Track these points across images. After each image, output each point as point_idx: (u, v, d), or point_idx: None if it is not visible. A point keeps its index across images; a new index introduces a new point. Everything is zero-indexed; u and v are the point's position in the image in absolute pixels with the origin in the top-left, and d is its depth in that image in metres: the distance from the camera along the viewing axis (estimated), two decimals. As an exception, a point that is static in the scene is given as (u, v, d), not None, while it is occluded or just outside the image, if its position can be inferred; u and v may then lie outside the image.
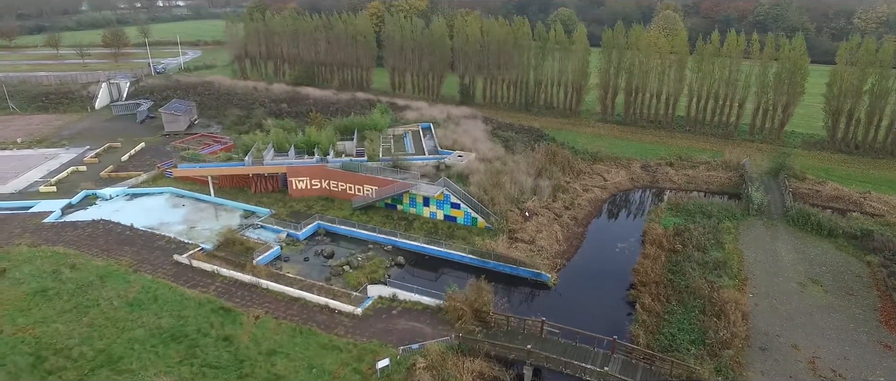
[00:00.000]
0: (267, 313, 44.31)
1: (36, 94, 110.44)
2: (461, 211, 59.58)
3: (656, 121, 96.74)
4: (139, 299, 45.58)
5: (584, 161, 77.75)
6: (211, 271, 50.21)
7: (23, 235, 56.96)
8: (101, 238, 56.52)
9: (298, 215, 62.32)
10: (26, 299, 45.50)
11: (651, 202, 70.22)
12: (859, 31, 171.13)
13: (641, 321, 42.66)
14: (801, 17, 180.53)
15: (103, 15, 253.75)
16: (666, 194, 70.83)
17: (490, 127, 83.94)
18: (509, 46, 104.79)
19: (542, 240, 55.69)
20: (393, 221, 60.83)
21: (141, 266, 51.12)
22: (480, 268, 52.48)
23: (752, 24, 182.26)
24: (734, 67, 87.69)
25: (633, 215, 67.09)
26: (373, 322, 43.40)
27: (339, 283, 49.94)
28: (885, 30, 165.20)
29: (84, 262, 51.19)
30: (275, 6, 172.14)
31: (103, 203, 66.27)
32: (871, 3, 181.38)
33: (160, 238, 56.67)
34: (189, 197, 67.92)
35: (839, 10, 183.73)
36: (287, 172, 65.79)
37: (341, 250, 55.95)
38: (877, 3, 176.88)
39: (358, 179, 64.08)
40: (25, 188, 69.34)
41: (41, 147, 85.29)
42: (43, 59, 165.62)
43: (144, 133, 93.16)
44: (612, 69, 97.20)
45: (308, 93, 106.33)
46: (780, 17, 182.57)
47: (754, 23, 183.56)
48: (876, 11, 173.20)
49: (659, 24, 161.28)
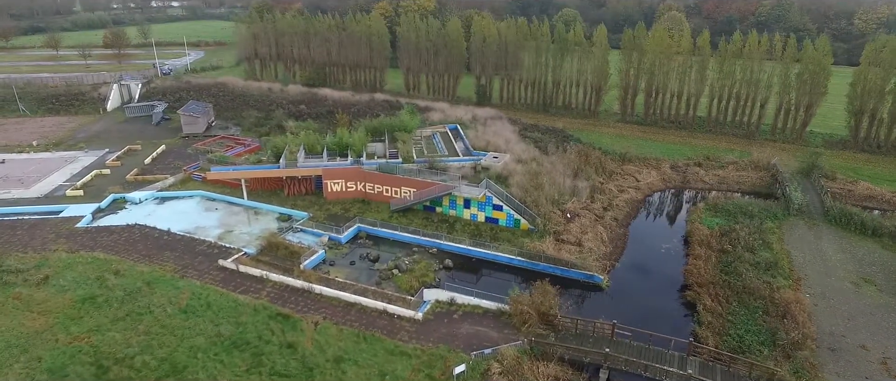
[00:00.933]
0: (325, 319, 43.52)
1: (44, 95, 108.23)
2: (503, 213, 59.12)
3: (676, 121, 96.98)
4: (192, 306, 44.54)
5: (613, 162, 77.61)
6: (259, 276, 49.28)
7: (57, 240, 55.58)
8: (140, 243, 55.31)
9: (336, 218, 61.48)
10: (75, 306, 44.32)
11: (686, 203, 70.29)
12: (860, 32, 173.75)
13: (706, 322, 42.45)
14: (802, 18, 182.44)
15: (98, 15, 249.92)
16: (701, 195, 70.92)
17: (516, 128, 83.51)
18: (528, 47, 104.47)
19: (589, 241, 55.36)
20: (433, 223, 60.21)
21: (186, 271, 50.07)
22: (530, 270, 52.14)
23: (753, 24, 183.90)
24: (756, 67, 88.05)
25: (670, 216, 67.03)
26: (435, 327, 42.77)
27: (389, 287, 49.28)
28: (886, 31, 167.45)
29: (127, 268, 50.01)
30: (279, 6, 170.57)
31: (133, 207, 64.93)
32: (871, 4, 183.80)
33: (200, 243, 55.56)
34: (220, 200, 66.78)
35: (840, 11, 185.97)
36: (323, 174, 64.88)
37: (385, 254, 55.22)
38: (877, 4, 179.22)
39: (395, 181, 63.35)
40: (51, 192, 67.74)
41: (59, 150, 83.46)
42: (42, 59, 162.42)
43: (162, 135, 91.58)
44: (632, 70, 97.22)
45: (325, 94, 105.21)
46: (781, 18, 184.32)
47: (755, 23, 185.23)
48: (876, 12, 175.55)
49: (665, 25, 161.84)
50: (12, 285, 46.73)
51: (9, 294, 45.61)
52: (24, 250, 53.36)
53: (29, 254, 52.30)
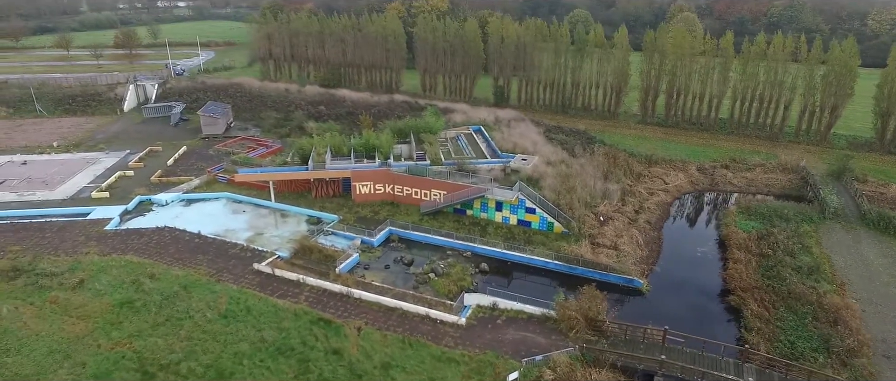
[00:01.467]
0: (367, 324, 42.93)
1: (61, 96, 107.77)
2: (536, 216, 58.51)
3: (698, 122, 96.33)
4: (232, 311, 43.96)
5: (639, 164, 76.99)
6: (296, 281, 48.69)
7: (88, 242, 55.01)
8: (171, 246, 54.74)
9: (366, 221, 60.90)
10: (113, 311, 43.75)
11: (715, 205, 69.71)
12: (874, 32, 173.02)
13: (755, 328, 41.82)
14: (815, 19, 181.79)
15: (105, 16, 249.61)
16: (731, 197, 70.34)
17: (540, 130, 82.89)
18: (547, 49, 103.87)
19: (624, 245, 54.77)
20: (465, 226, 59.61)
21: (221, 275, 49.49)
22: (567, 274, 51.55)
23: (765, 25, 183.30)
24: (780, 69, 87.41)
25: (701, 219, 66.43)
26: (479, 332, 42.16)
27: (427, 291, 48.68)
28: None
29: (162, 271, 49.43)
30: (291, 6, 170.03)
31: (160, 209, 64.37)
32: (884, 4, 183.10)
33: (232, 246, 54.97)
34: (247, 202, 66.23)
35: (853, 12, 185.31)
36: (351, 176, 64.29)
37: (419, 257, 54.62)
38: (891, 5, 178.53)
39: (425, 183, 62.76)
40: (76, 194, 67.21)
41: (79, 151, 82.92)
42: (53, 60, 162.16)
43: (181, 136, 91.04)
44: (654, 71, 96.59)
45: (343, 95, 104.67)
46: (794, 19, 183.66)
47: (767, 24, 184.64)
48: (890, 13, 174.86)
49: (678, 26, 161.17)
50: (48, 289, 46.16)
51: (45, 298, 45.04)
52: (56, 252, 52.82)
53: (61, 257, 51.75)
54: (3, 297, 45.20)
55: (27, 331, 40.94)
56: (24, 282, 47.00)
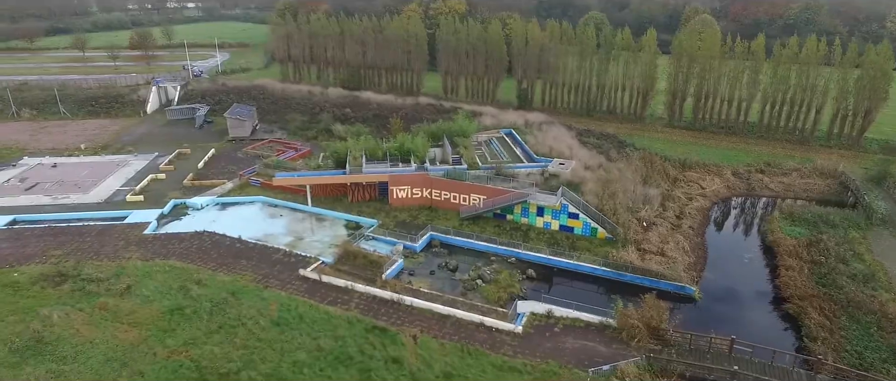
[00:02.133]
0: (422, 332, 42.29)
1: (83, 98, 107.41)
2: (579, 221, 57.81)
3: (727, 126, 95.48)
4: (284, 318, 43.36)
5: (673, 168, 76.24)
6: (344, 287, 48.08)
7: (129, 247, 54.53)
8: (213, 251, 54.19)
9: (405, 226, 60.28)
10: (164, 318, 43.20)
11: (755, 211, 68.97)
12: (892, 34, 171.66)
13: (820, 337, 41.05)
14: (832, 21, 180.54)
15: (116, 17, 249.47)
16: (769, 203, 69.66)
17: (572, 133, 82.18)
18: (572, 51, 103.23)
19: (671, 251, 54.03)
20: (506, 231, 58.92)
21: (267, 281, 48.92)
22: (615, 281, 50.88)
23: (781, 27, 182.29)
24: (813, 72, 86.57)
25: (742, 224, 65.71)
26: (537, 341, 41.48)
27: (475, 298, 48.06)
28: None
29: (208, 277, 48.88)
30: (305, 8, 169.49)
31: (195, 213, 63.87)
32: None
33: (274, 251, 54.41)
34: (282, 206, 65.65)
35: (870, 14, 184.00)
36: (389, 180, 63.65)
37: (462, 263, 53.91)
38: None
39: (464, 187, 62.11)
40: (110, 197, 66.73)
41: (108, 154, 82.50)
42: (69, 61, 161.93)
43: (207, 139, 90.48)
44: (682, 74, 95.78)
45: (368, 97, 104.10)
46: (811, 21, 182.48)
47: (784, 26, 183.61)
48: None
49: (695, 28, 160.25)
50: (95, 295, 45.64)
51: (93, 304, 44.49)
52: (98, 257, 52.30)
53: (104, 262, 51.24)
54: (52, 302, 44.70)
55: (80, 338, 40.39)
56: (71, 287, 46.51)
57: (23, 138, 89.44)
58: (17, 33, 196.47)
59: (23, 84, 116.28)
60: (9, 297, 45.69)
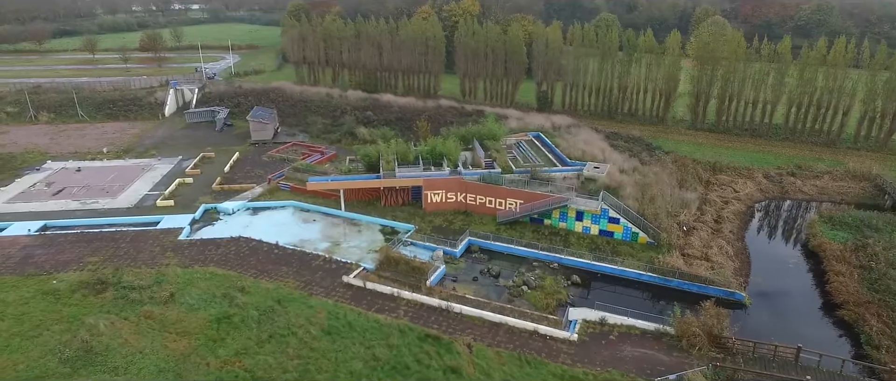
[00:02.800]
0: (475, 341, 41.55)
1: (100, 101, 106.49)
2: (620, 226, 57.17)
3: (751, 128, 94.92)
4: (335, 327, 42.58)
5: (703, 171, 75.62)
6: (390, 294, 47.31)
7: (165, 253, 53.72)
8: (251, 257, 53.40)
9: (441, 231, 59.58)
10: (212, 326, 42.39)
11: (791, 214, 68.41)
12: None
13: (884, 345, 40.36)
14: (845, 22, 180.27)
15: (123, 19, 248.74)
16: (805, 206, 69.12)
17: (600, 136, 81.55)
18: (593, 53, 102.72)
19: (715, 256, 53.39)
20: (544, 236, 58.28)
21: (311, 288, 48.14)
22: (662, 287, 50.25)
23: (792, 29, 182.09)
24: (840, 74, 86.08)
25: (780, 228, 65.09)
26: (595, 349, 40.77)
27: (523, 305, 47.35)
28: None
29: (251, 284, 48.05)
30: (317, 10, 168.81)
31: (227, 218, 63.09)
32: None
33: (313, 257, 53.62)
34: (315, 211, 64.88)
35: (883, 15, 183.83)
36: (423, 185, 62.91)
37: (505, 269, 53.19)
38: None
39: (500, 192, 61.40)
40: (139, 202, 65.91)
41: (131, 157, 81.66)
42: (79, 63, 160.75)
43: (229, 142, 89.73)
44: (706, 76, 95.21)
45: (388, 100, 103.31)
46: (823, 22, 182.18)
47: (794, 28, 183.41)
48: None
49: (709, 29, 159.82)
50: (139, 303, 44.81)
51: (137, 312, 43.70)
52: (136, 264, 51.48)
53: (143, 269, 50.39)
54: (95, 311, 43.88)
55: (130, 348, 39.60)
56: (114, 295, 45.66)
57: (43, 142, 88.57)
58: (25, 35, 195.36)
59: (37, 87, 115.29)
60: (51, 305, 44.88)
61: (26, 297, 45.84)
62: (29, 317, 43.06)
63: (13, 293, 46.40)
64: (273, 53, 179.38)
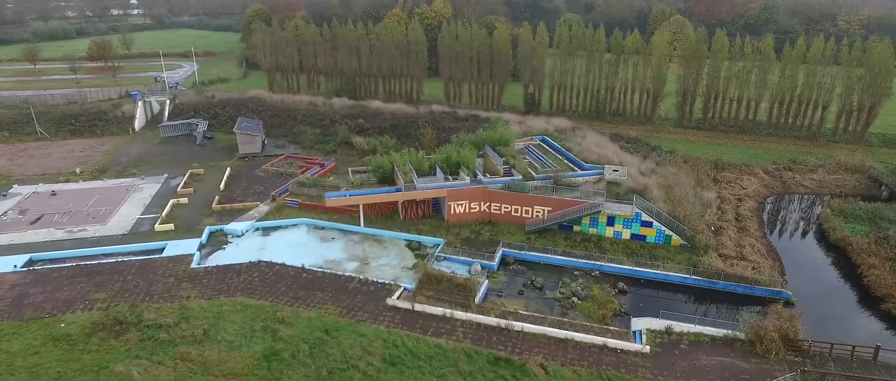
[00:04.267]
0: (546, 360, 39.71)
1: (58, 116, 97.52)
2: (652, 229, 56.73)
3: (736, 125, 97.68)
4: (396, 356, 39.72)
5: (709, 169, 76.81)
6: (443, 315, 44.72)
7: (181, 284, 48.97)
8: (279, 283, 49.45)
9: (471, 243, 57.38)
10: (261, 365, 38.63)
11: (798, 209, 70.37)
12: (844, 33, 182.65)
13: (941, 337, 41.40)
14: (790, 20, 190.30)
15: (59, 26, 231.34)
16: (808, 199, 71.36)
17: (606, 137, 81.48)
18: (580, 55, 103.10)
19: (750, 254, 53.81)
20: (576, 243, 57.12)
21: (355, 314, 44.91)
22: (706, 289, 50.07)
23: (743, 27, 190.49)
24: (820, 71, 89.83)
25: (793, 223, 66.63)
26: (670, 360, 39.76)
27: (578, 317, 45.95)
28: (867, 32, 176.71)
29: (290, 314, 44.32)
30: (281, 14, 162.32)
31: (237, 240, 58.50)
32: (852, 5, 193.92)
33: (347, 279, 50.23)
34: (330, 228, 61.24)
35: (823, 13, 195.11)
36: (447, 195, 60.45)
37: (544, 280, 51.60)
38: (858, 6, 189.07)
39: (526, 200, 59.80)
40: (134, 227, 60.14)
41: (109, 177, 74.82)
42: (19, 74, 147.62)
43: (213, 157, 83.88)
44: (691, 76, 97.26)
45: (378, 107, 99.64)
46: (770, 21, 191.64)
47: (744, 26, 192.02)
48: (858, 14, 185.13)
49: (669, 29, 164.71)
50: (170, 344, 40.36)
51: (170, 355, 39.30)
52: (151, 298, 46.58)
53: (162, 304, 45.61)
54: (120, 356, 39.18)
55: (175, 397, 35.38)
56: (139, 337, 40.92)
57: (1, 164, 79.95)
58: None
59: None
60: (66, 353, 39.72)
61: (34, 345, 40.46)
62: (45, 369, 37.93)
63: (17, 342, 40.86)
64: (233, 60, 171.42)
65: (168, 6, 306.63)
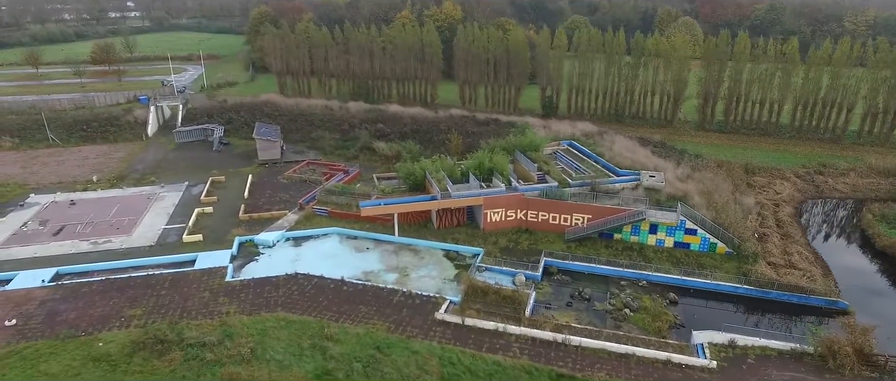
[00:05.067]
0: (610, 376, 38.21)
1: (69, 122, 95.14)
2: (697, 237, 55.38)
3: (759, 127, 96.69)
4: (454, 375, 38.17)
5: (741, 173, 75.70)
6: (495, 330, 43.14)
7: (217, 299, 47.10)
8: (320, 297, 47.67)
9: (510, 252, 55.87)
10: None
11: (836, 213, 69.36)
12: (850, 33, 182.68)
13: None
14: (797, 22, 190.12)
15: (59, 29, 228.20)
16: (843, 204, 70.28)
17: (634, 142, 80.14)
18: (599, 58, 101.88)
19: (800, 262, 52.58)
20: (618, 251, 55.73)
21: (404, 329, 43.25)
22: (759, 299, 48.78)
23: (748, 28, 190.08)
24: (846, 73, 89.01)
25: (835, 228, 65.49)
26: (739, 376, 38.35)
27: (633, 330, 44.51)
28: (874, 33, 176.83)
29: (338, 330, 42.57)
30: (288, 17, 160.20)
31: (269, 251, 56.66)
32: (858, 6, 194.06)
33: (390, 292, 48.48)
34: (363, 237, 59.50)
35: (830, 14, 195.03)
36: (483, 203, 58.86)
37: (590, 290, 50.14)
38: (864, 7, 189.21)
39: (565, 207, 58.32)
40: (160, 239, 58.18)
41: (129, 186, 72.71)
42: (21, 79, 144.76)
43: (231, 163, 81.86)
44: (712, 78, 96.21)
45: (396, 111, 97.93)
46: (776, 22, 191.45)
47: (750, 27, 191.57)
48: (865, 15, 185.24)
49: (679, 30, 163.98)
50: (216, 363, 38.59)
51: (218, 375, 37.56)
52: (189, 314, 44.70)
53: (201, 320, 43.76)
54: (166, 378, 37.38)
55: (230, 422, 33.59)
56: (184, 357, 39.06)
57: (15, 172, 77.64)
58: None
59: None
60: (108, 374, 37.90)
61: (74, 366, 38.59)
62: (89, 393, 36.04)
63: (55, 363, 38.94)
64: (238, 63, 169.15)
65: (165, 8, 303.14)
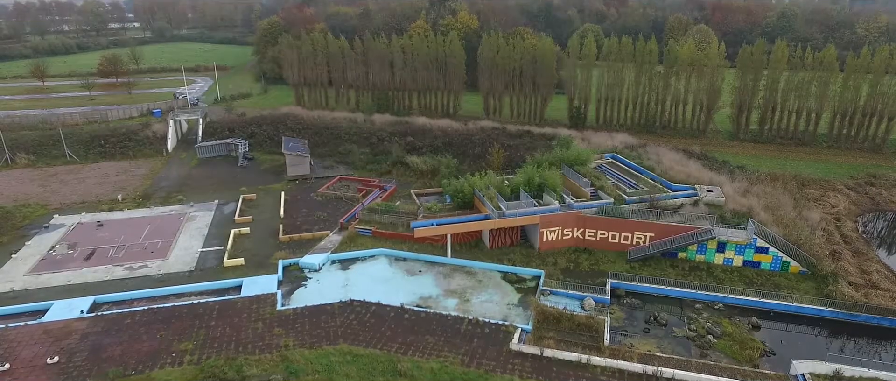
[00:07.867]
0: (714, 415, 35.24)
1: (86, 137, 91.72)
2: (768, 256, 52.64)
3: (795, 137, 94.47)
4: (548, 414, 34.98)
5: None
6: (577, 362, 40.10)
7: (271, 330, 43.89)
8: (381, 326, 44.53)
9: (570, 274, 52.99)
10: (399, 430, 33.66)
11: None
12: (863, 40, 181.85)
13: None
14: (808, 29, 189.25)
15: (61, 41, 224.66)
16: (905, 217, 67.92)
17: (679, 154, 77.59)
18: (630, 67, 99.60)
19: (881, 282, 49.91)
20: (684, 271, 52.94)
21: (480, 362, 40.18)
22: (846, 323, 45.96)
23: (760, 35, 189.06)
24: (887, 81, 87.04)
25: None
26: (853, 413, 35.47)
27: (721, 359, 41.59)
28: (887, 39, 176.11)
29: (410, 365, 39.42)
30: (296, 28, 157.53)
31: (316, 275, 53.49)
32: (871, 12, 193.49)
33: (455, 320, 45.39)
34: (413, 259, 56.42)
35: (842, 21, 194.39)
36: (539, 222, 55.94)
37: (664, 315, 47.25)
38: (877, 13, 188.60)
39: (625, 225, 55.52)
40: (199, 263, 54.88)
41: (156, 205, 69.36)
42: (26, 93, 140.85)
43: (259, 179, 78.71)
44: (747, 87, 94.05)
45: (425, 124, 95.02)
46: (788, 28, 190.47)
47: (762, 34, 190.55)
48: (877, 21, 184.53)
49: (694, 38, 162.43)
50: (286, 406, 35.32)
51: (289, 419, 34.28)
52: (244, 348, 41.46)
53: (259, 355, 40.53)
54: (233, 423, 34.03)
55: None
56: (249, 398, 35.80)
57: (34, 190, 74.20)
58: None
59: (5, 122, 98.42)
60: (169, 420, 34.52)
61: (130, 412, 35.17)
62: (151, 443, 32.68)
63: (108, 408, 35.54)
64: (247, 74, 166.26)
65: (165, 19, 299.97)
